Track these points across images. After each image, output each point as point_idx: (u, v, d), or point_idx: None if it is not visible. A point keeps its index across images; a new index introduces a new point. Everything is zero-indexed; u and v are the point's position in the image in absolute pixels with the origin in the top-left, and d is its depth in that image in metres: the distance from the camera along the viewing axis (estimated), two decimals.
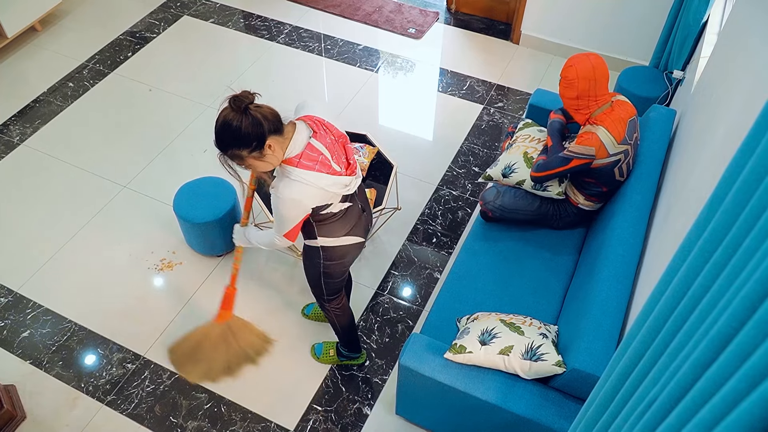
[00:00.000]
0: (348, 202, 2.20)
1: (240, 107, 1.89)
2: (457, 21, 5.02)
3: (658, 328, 1.19)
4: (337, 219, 2.22)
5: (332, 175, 2.02)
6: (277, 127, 1.94)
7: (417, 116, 4.24)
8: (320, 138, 2.03)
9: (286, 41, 4.81)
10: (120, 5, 5.13)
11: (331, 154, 2.03)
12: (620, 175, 2.67)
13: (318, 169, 1.99)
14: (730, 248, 0.93)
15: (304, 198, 2.00)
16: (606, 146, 2.56)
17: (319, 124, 2.06)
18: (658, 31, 4.18)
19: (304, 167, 1.97)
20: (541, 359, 2.19)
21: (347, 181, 2.09)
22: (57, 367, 3.05)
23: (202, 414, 2.89)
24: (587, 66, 2.52)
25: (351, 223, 2.28)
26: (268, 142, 1.92)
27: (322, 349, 3.05)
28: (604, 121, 2.58)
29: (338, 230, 2.26)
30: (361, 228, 2.36)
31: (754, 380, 0.73)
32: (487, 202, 2.90)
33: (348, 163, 2.11)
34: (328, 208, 2.12)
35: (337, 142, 2.07)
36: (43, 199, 3.75)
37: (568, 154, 2.62)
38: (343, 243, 2.31)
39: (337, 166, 2.05)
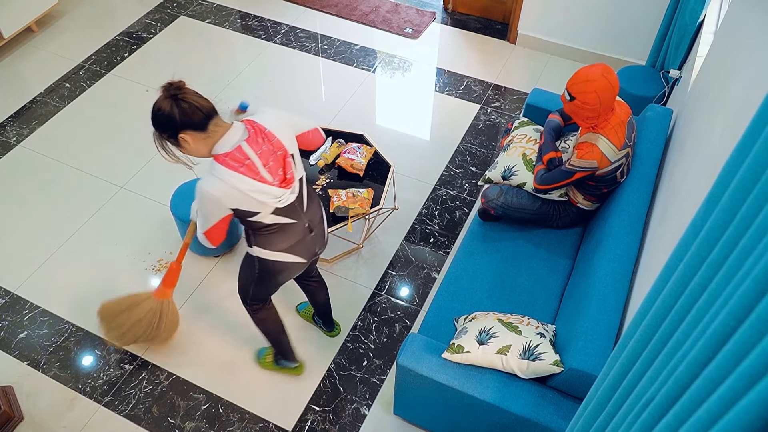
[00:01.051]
0: (287, 217, 2.17)
1: (168, 95, 1.93)
2: (454, 21, 5.02)
3: (656, 327, 1.19)
4: (273, 232, 2.19)
5: (258, 182, 2.00)
6: (196, 124, 1.95)
7: (414, 116, 4.24)
8: (253, 144, 2.01)
9: (283, 41, 4.80)
10: (117, 6, 5.12)
11: (263, 162, 2.01)
12: (621, 176, 2.67)
13: (242, 171, 1.98)
14: (726, 247, 0.93)
15: (221, 196, 1.99)
16: (607, 156, 2.54)
17: (259, 131, 2.04)
18: (654, 31, 4.19)
19: (228, 166, 1.97)
20: (538, 359, 2.20)
21: (278, 193, 2.06)
22: (54, 368, 3.04)
23: (199, 414, 2.88)
24: (608, 90, 2.40)
25: (290, 240, 2.24)
26: (182, 136, 1.95)
27: (264, 353, 3.05)
28: (605, 129, 2.54)
29: (275, 244, 2.22)
30: (304, 249, 2.32)
31: (751, 379, 0.73)
32: (489, 200, 2.89)
33: (284, 177, 2.07)
34: (257, 217, 2.09)
35: (274, 153, 2.04)
36: (40, 200, 3.74)
37: (571, 168, 2.61)
38: (279, 259, 2.27)
39: (268, 176, 2.03)
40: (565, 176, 2.65)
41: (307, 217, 2.28)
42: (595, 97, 2.41)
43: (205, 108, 1.97)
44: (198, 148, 2.00)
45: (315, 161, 3.31)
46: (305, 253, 2.34)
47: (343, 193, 3.09)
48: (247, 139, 2.01)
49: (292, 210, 2.18)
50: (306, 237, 2.30)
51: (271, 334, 2.78)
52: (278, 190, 2.06)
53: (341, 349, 3.10)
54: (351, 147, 3.30)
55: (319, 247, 2.42)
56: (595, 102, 2.42)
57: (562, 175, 2.66)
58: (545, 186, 2.74)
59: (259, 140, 2.03)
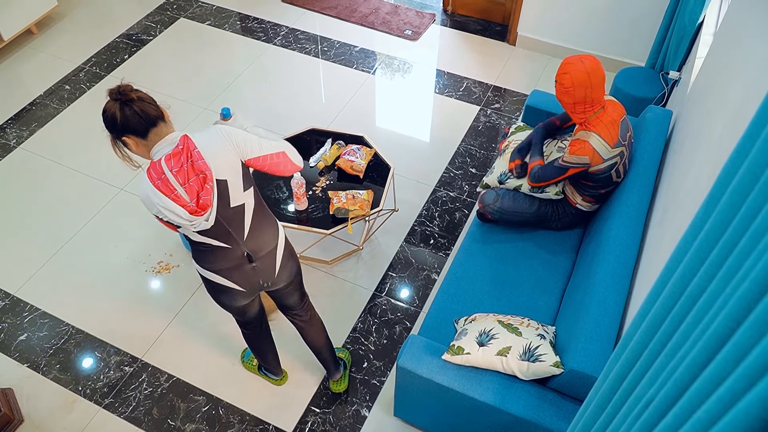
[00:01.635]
0: (217, 240, 2.09)
1: (115, 99, 1.93)
2: (453, 22, 5.02)
3: (655, 328, 1.19)
4: (204, 250, 2.12)
5: (171, 201, 1.94)
6: (137, 130, 1.94)
7: (414, 118, 4.24)
8: (172, 161, 1.95)
9: (282, 43, 4.81)
10: (116, 8, 5.13)
11: (181, 181, 1.94)
12: (617, 176, 2.68)
13: (157, 186, 1.94)
14: (726, 248, 0.93)
15: (144, 200, 2.00)
16: (600, 153, 2.56)
17: (186, 149, 1.96)
18: (654, 32, 4.19)
19: (149, 176, 1.96)
20: (538, 360, 2.20)
21: (187, 217, 1.96)
22: (54, 370, 3.04)
23: (200, 417, 2.88)
24: (582, 73, 2.48)
25: (222, 264, 2.14)
26: (125, 139, 1.96)
27: (249, 356, 3.05)
28: (597, 126, 2.57)
29: (205, 262, 2.15)
30: (241, 277, 2.19)
31: (750, 380, 0.73)
32: (486, 205, 2.90)
33: (197, 203, 1.97)
34: (181, 230, 2.05)
35: (196, 175, 1.96)
36: (40, 202, 3.74)
37: (564, 164, 2.64)
38: (212, 279, 2.19)
39: (186, 196, 1.95)
40: (559, 172, 2.68)
41: (247, 247, 2.15)
42: (569, 78, 2.49)
43: (149, 116, 1.94)
44: (141, 151, 2.01)
45: (315, 163, 3.31)
46: (243, 282, 2.22)
47: (343, 195, 3.10)
48: (167, 155, 1.96)
49: (223, 234, 2.08)
50: (243, 265, 2.17)
51: (257, 351, 2.75)
52: (188, 215, 1.96)
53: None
54: (351, 149, 3.30)
55: (264, 280, 2.27)
56: (569, 84, 2.50)
57: (555, 172, 2.69)
58: (539, 183, 2.76)
59: (182, 159, 1.95)
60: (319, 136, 3.46)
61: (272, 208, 3.14)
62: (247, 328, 2.61)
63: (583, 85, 2.49)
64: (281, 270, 2.29)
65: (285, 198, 3.18)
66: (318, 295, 3.30)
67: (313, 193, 3.19)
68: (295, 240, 3.53)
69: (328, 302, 3.27)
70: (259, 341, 2.69)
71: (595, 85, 2.50)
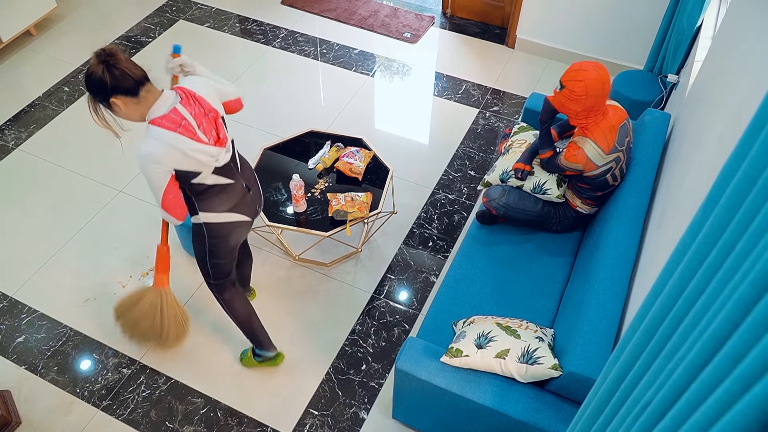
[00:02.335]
0: (226, 177, 2.30)
1: (101, 60, 2.01)
2: (452, 25, 5.03)
3: (654, 330, 1.20)
4: (216, 194, 2.30)
5: (196, 142, 2.10)
6: (129, 89, 2.02)
7: (413, 120, 4.25)
8: (187, 106, 2.12)
9: (281, 45, 4.81)
10: (115, 9, 5.13)
11: (198, 123, 2.12)
12: (614, 180, 2.68)
13: (180, 131, 2.07)
14: (724, 251, 0.93)
15: (160, 156, 2.06)
16: (593, 160, 2.58)
17: (190, 95, 2.15)
18: (652, 36, 4.20)
19: (165, 127, 2.06)
20: (537, 362, 2.20)
21: (214, 152, 2.17)
22: (52, 372, 3.04)
23: (198, 419, 2.88)
24: (597, 82, 2.42)
25: (233, 200, 2.37)
26: (113, 100, 2.03)
27: (245, 353, 3.06)
28: (594, 132, 2.56)
29: (219, 205, 2.33)
30: (246, 206, 2.44)
31: (748, 382, 0.73)
32: (491, 200, 2.89)
33: (218, 137, 2.19)
34: (199, 178, 2.19)
35: (206, 116, 2.16)
36: (38, 203, 3.74)
37: (561, 165, 2.69)
38: (226, 220, 2.38)
39: (204, 136, 2.13)
40: (558, 169, 2.74)
41: (243, 177, 2.42)
42: (583, 87, 2.43)
43: (137, 74, 2.04)
44: (129, 112, 2.08)
45: (314, 165, 3.32)
46: (248, 211, 2.47)
47: (341, 197, 3.10)
48: (180, 101, 2.11)
49: (229, 170, 2.31)
50: (246, 196, 2.43)
51: (241, 318, 2.78)
52: (214, 149, 2.16)
53: (340, 352, 3.10)
54: (350, 151, 3.31)
55: (258, 204, 2.56)
56: (582, 92, 2.43)
57: (555, 168, 2.75)
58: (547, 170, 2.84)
59: (192, 102, 2.13)
60: (318, 139, 3.46)
61: (270, 209, 3.14)
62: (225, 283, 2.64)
63: (596, 95, 2.44)
64: (262, 194, 2.60)
65: (284, 200, 3.18)
66: (316, 297, 3.30)
67: (312, 195, 3.19)
68: (294, 242, 3.53)
69: (327, 304, 3.27)
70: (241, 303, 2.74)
71: (606, 94, 2.47)
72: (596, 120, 2.57)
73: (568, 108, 2.53)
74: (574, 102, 2.48)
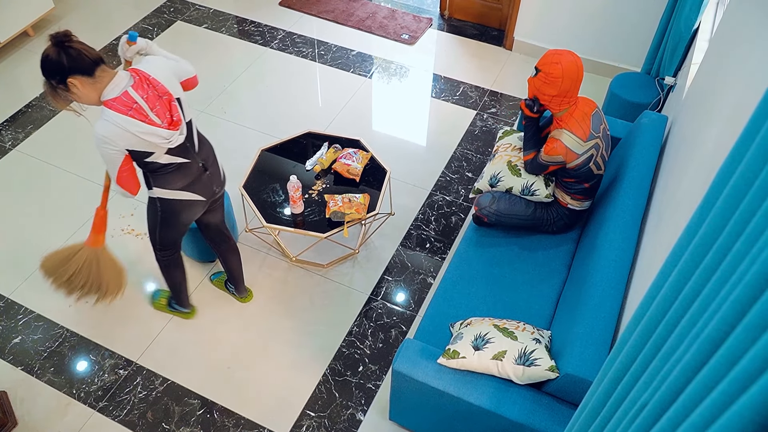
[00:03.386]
0: (181, 157, 2.37)
1: (56, 42, 2.05)
2: (450, 27, 5.04)
3: (650, 332, 1.20)
4: (170, 172, 2.38)
5: (147, 125, 2.16)
6: (84, 69, 2.08)
7: (410, 122, 4.25)
8: (139, 89, 2.16)
9: (279, 47, 4.81)
10: (113, 11, 5.12)
11: (150, 106, 2.17)
12: (598, 168, 2.71)
13: (131, 114, 2.13)
14: (720, 252, 0.94)
15: (113, 137, 2.14)
16: (572, 149, 2.62)
17: (143, 78, 2.19)
18: (649, 38, 4.21)
19: (116, 110, 2.12)
20: (534, 364, 2.20)
21: (166, 134, 2.22)
22: (49, 373, 3.03)
23: (194, 420, 2.87)
24: (573, 65, 2.52)
25: (188, 179, 2.44)
26: (71, 80, 2.08)
27: (159, 295, 3.25)
28: (568, 122, 2.62)
29: (172, 182, 2.41)
30: (201, 186, 2.51)
31: (744, 383, 0.73)
32: (482, 208, 2.90)
33: (171, 119, 2.24)
34: (152, 157, 2.27)
35: (160, 98, 2.21)
36: (35, 204, 3.73)
37: (543, 162, 2.72)
38: (178, 197, 2.46)
39: (157, 119, 2.19)
40: (542, 168, 2.77)
41: (200, 157, 2.47)
42: (560, 69, 2.51)
43: (92, 55, 2.11)
44: (87, 93, 2.13)
45: (311, 166, 3.31)
46: (203, 191, 2.53)
47: (339, 199, 3.10)
48: (132, 84, 2.16)
49: (185, 150, 2.37)
50: (202, 176, 2.50)
51: (174, 281, 2.96)
52: (167, 132, 2.22)
53: (337, 354, 3.10)
54: (347, 152, 3.31)
55: (216, 185, 2.61)
56: (558, 74, 2.52)
57: (539, 167, 2.78)
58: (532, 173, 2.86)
59: (144, 86, 2.18)
60: (316, 140, 3.46)
61: (268, 211, 3.14)
62: (170, 253, 2.81)
63: (572, 78, 2.53)
64: (223, 175, 2.67)
65: (281, 201, 3.18)
66: (313, 299, 3.30)
67: (310, 197, 3.19)
68: (291, 243, 3.53)
69: (324, 306, 3.27)
70: (176, 269, 2.92)
71: (580, 78, 2.56)
72: (570, 111, 2.63)
73: (543, 92, 2.60)
74: (549, 85, 2.56)
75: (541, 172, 2.80)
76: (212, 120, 4.23)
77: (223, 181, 2.67)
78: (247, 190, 3.22)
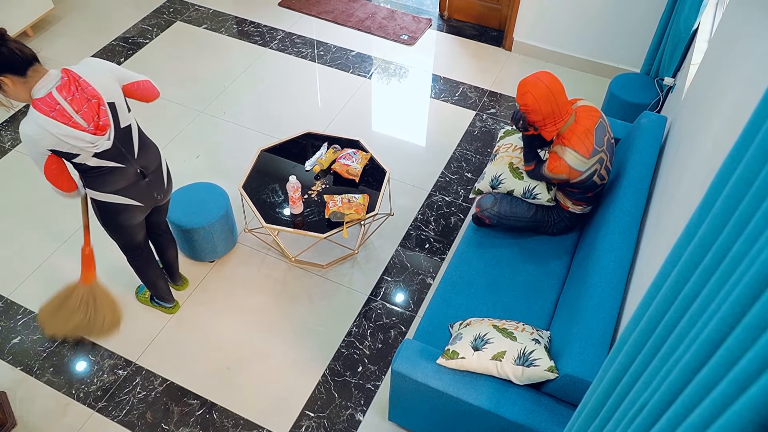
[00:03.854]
0: (114, 162, 2.35)
1: None
2: (449, 28, 5.04)
3: (649, 332, 1.20)
4: (101, 174, 2.36)
5: (70, 128, 2.15)
6: (16, 68, 2.09)
7: (410, 122, 4.25)
8: (63, 91, 2.15)
9: (279, 47, 4.81)
10: (113, 11, 5.12)
11: (76, 108, 2.16)
12: (601, 180, 2.71)
13: (53, 116, 2.13)
14: (720, 253, 0.94)
15: (35, 137, 2.14)
16: (576, 168, 2.61)
17: (72, 80, 2.18)
18: (649, 39, 4.21)
19: (40, 110, 2.12)
20: (533, 365, 2.20)
21: (91, 139, 2.21)
22: (48, 373, 3.03)
23: (193, 421, 2.87)
24: (542, 88, 2.53)
25: (121, 183, 2.42)
26: (2, 78, 2.10)
27: (143, 290, 3.29)
28: (570, 140, 2.60)
29: (103, 185, 2.39)
30: (138, 192, 2.50)
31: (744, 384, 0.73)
32: (484, 209, 2.90)
33: (97, 123, 2.21)
34: (79, 159, 2.26)
35: (89, 101, 2.19)
36: (34, 204, 3.73)
37: (546, 176, 2.72)
38: (110, 200, 2.44)
39: (82, 122, 2.18)
40: (545, 179, 2.76)
41: (139, 164, 2.46)
42: (531, 97, 2.54)
43: (25, 54, 2.11)
44: (18, 91, 2.14)
45: (310, 167, 3.32)
46: (141, 197, 2.52)
47: (338, 199, 3.10)
48: (57, 86, 2.15)
49: (118, 155, 2.36)
50: (139, 182, 2.48)
51: (147, 280, 3.00)
52: (91, 136, 2.20)
53: (336, 354, 3.10)
54: (347, 153, 3.31)
55: (158, 192, 2.60)
56: (533, 102, 2.54)
57: (542, 178, 2.78)
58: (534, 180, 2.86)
59: (72, 88, 2.16)
60: (315, 140, 3.46)
61: (267, 211, 3.13)
62: (135, 255, 2.86)
63: (547, 99, 2.54)
64: (167, 183, 2.65)
65: (280, 201, 3.18)
66: (313, 299, 3.30)
67: (309, 197, 3.19)
68: (290, 243, 3.53)
69: (323, 306, 3.27)
70: (147, 268, 2.95)
71: (557, 93, 2.55)
72: (571, 127, 2.62)
73: (534, 121, 2.62)
74: (532, 114, 2.59)
75: (544, 181, 2.80)
76: (212, 120, 4.23)
77: (166, 189, 2.65)
78: (247, 191, 3.22)
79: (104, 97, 2.23)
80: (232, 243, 3.47)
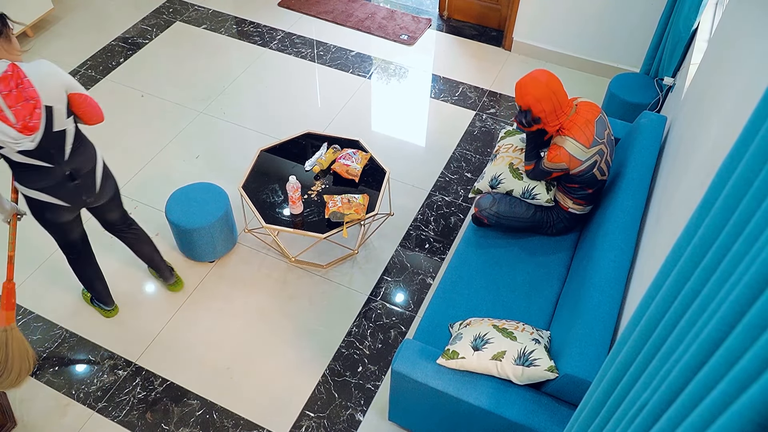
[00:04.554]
0: (39, 161, 2.36)
1: None
2: (449, 27, 5.04)
3: (649, 332, 1.20)
4: (25, 170, 2.38)
5: None
6: None
7: (410, 122, 4.25)
8: (2, 84, 2.18)
9: (278, 47, 4.81)
10: (112, 11, 5.12)
11: (9, 103, 2.19)
12: (602, 174, 2.71)
13: None
14: (719, 253, 0.94)
15: None
16: (576, 156, 2.61)
17: (16, 76, 2.21)
18: (648, 39, 4.21)
19: None
20: (533, 365, 2.20)
21: (14, 135, 2.22)
22: (48, 373, 3.03)
23: (193, 421, 2.87)
24: (541, 86, 2.54)
25: (46, 182, 2.42)
26: None
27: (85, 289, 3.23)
28: (571, 129, 2.62)
29: (28, 181, 2.41)
30: (65, 193, 2.49)
31: (744, 383, 0.73)
32: (482, 209, 2.90)
33: (27, 123, 2.23)
34: (3, 151, 2.28)
35: (26, 100, 2.21)
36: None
37: (546, 169, 2.72)
38: (35, 197, 2.46)
39: (12, 117, 2.20)
40: (544, 175, 2.76)
41: (69, 166, 2.46)
42: (531, 97, 2.56)
43: None
44: None
45: (310, 167, 3.31)
46: (67, 198, 2.52)
47: (338, 199, 3.10)
48: None
49: (47, 155, 2.37)
50: (66, 183, 2.48)
51: (84, 280, 2.99)
52: (15, 133, 2.22)
53: (336, 354, 3.10)
54: (346, 153, 3.31)
55: (87, 195, 2.58)
56: (534, 102, 2.56)
57: (541, 174, 2.77)
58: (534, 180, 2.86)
59: (11, 83, 2.19)
60: (315, 140, 3.46)
61: (267, 211, 3.13)
62: (71, 252, 2.85)
63: (547, 97, 2.55)
64: (102, 187, 2.63)
65: (280, 201, 3.17)
66: (312, 299, 3.30)
67: (309, 197, 3.19)
68: (290, 244, 3.53)
69: (323, 306, 3.27)
70: (83, 268, 2.94)
71: (556, 90, 2.57)
72: (572, 118, 2.63)
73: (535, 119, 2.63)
74: (534, 113, 2.60)
75: (544, 179, 2.80)
76: (211, 120, 4.22)
77: (99, 192, 2.62)
78: (247, 191, 3.21)
79: (43, 100, 2.26)
80: (232, 243, 3.47)
